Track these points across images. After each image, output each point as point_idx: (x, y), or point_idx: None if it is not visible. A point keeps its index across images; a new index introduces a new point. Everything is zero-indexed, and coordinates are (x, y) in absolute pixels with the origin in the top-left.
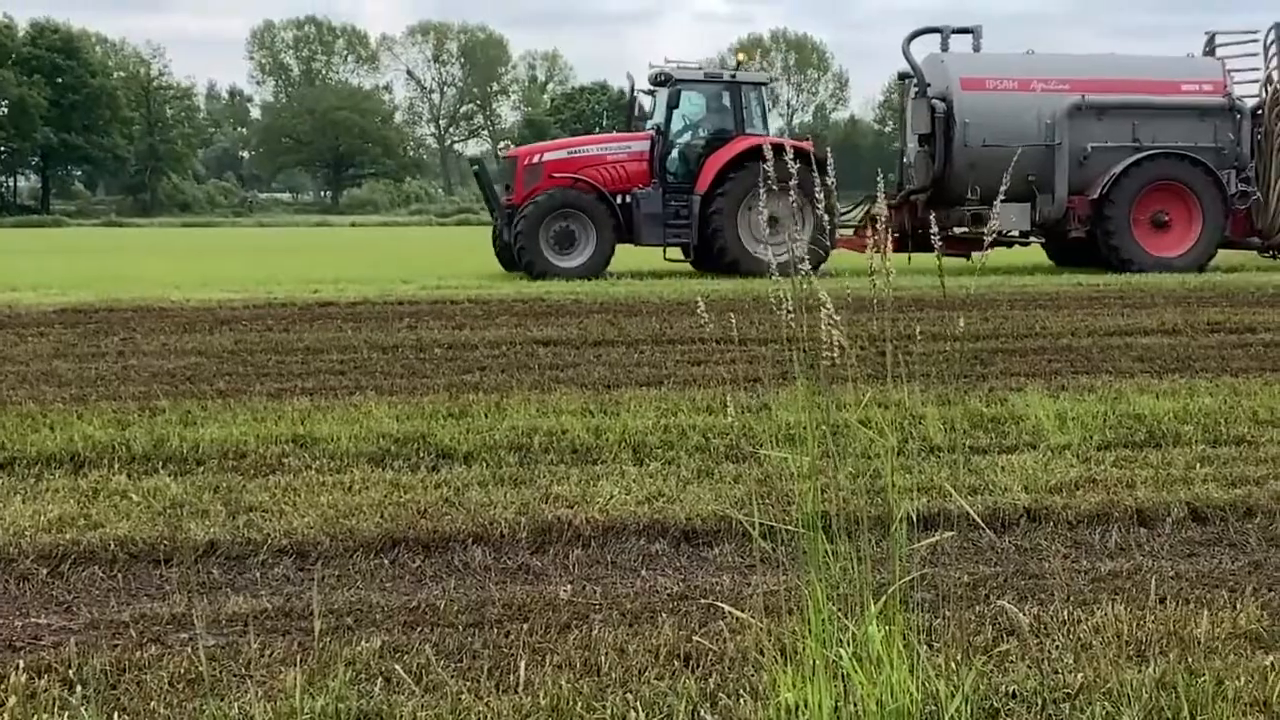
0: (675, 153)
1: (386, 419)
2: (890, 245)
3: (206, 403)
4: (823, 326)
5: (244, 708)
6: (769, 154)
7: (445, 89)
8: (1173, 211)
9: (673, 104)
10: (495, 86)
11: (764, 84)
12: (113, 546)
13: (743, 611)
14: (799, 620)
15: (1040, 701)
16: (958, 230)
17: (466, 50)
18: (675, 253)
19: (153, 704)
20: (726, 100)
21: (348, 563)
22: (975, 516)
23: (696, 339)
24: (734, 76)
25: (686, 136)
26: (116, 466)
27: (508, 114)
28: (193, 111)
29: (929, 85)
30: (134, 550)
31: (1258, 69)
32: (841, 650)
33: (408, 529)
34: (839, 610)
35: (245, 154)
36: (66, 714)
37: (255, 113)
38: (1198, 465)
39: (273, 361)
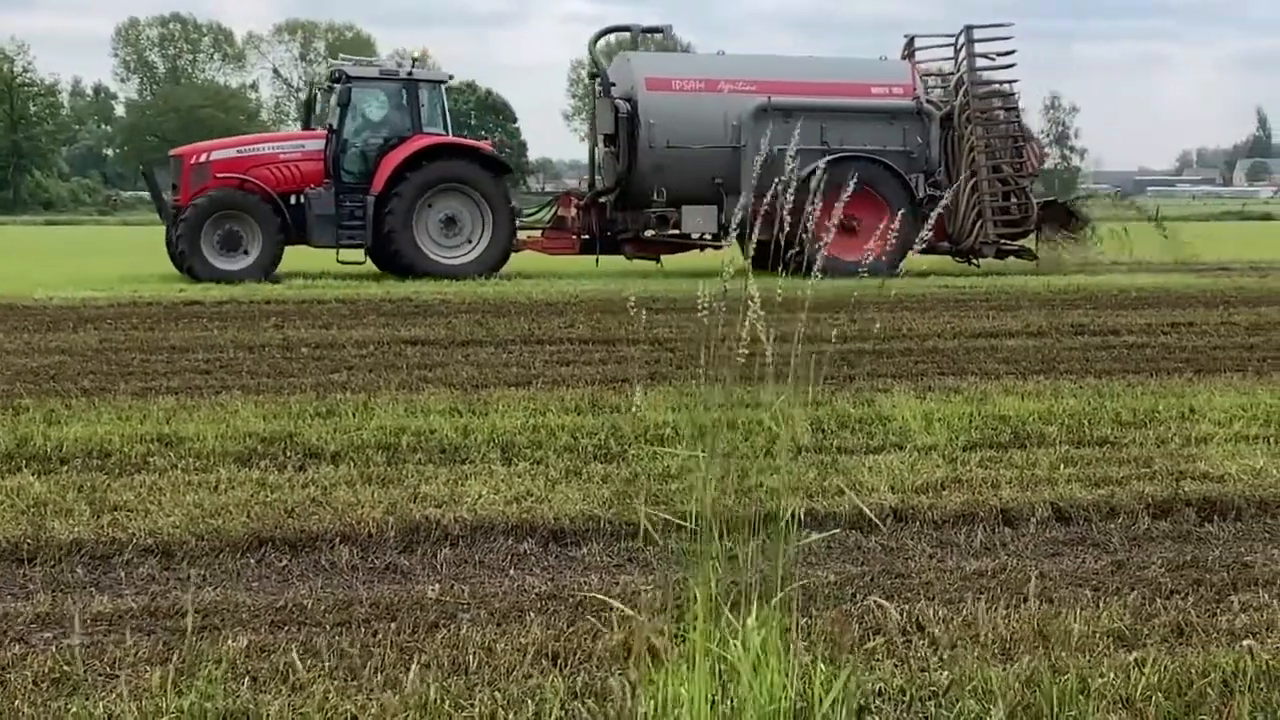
0: (350, 152)
1: (253, 418)
2: (575, 247)
3: (71, 401)
4: (743, 325)
5: (109, 707)
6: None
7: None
8: (861, 216)
9: (344, 102)
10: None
11: (442, 82)
12: None
13: (611, 611)
14: (672, 618)
15: (908, 699)
16: (648, 233)
17: (334, 49)
18: (355, 254)
19: (17, 703)
20: (404, 99)
21: (214, 562)
22: (869, 512)
23: (565, 339)
24: (410, 74)
25: (363, 135)
26: None
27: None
28: (56, 109)
29: (613, 85)
30: None
31: (954, 73)
32: (720, 648)
33: (274, 528)
34: (716, 609)
35: (110, 152)
36: None
37: (120, 110)
38: (1062, 466)
39: (138, 360)
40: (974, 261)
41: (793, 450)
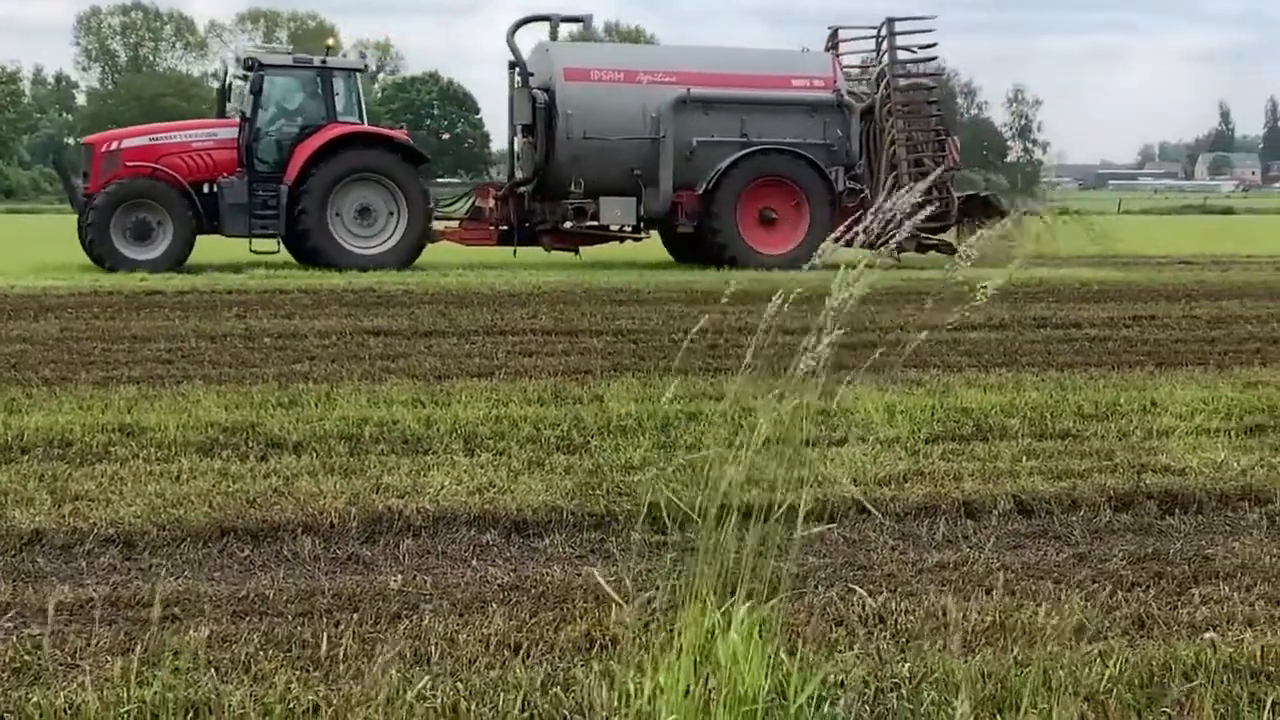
0: (264, 141)
1: (215, 408)
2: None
3: (32, 390)
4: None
5: (71, 697)
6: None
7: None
8: (780, 208)
9: (256, 90)
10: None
11: (357, 71)
12: None
13: (573, 602)
14: (658, 608)
15: (871, 691)
16: (566, 224)
17: (296, 38)
18: (269, 243)
19: None
20: (317, 87)
21: (175, 552)
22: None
23: (527, 330)
24: (324, 63)
25: (278, 124)
26: None
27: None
28: (17, 97)
29: (532, 75)
30: None
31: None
32: (705, 639)
33: (236, 518)
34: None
35: (71, 140)
36: None
37: (81, 99)
38: (1024, 458)
39: (99, 350)
40: (895, 256)
41: (758, 442)
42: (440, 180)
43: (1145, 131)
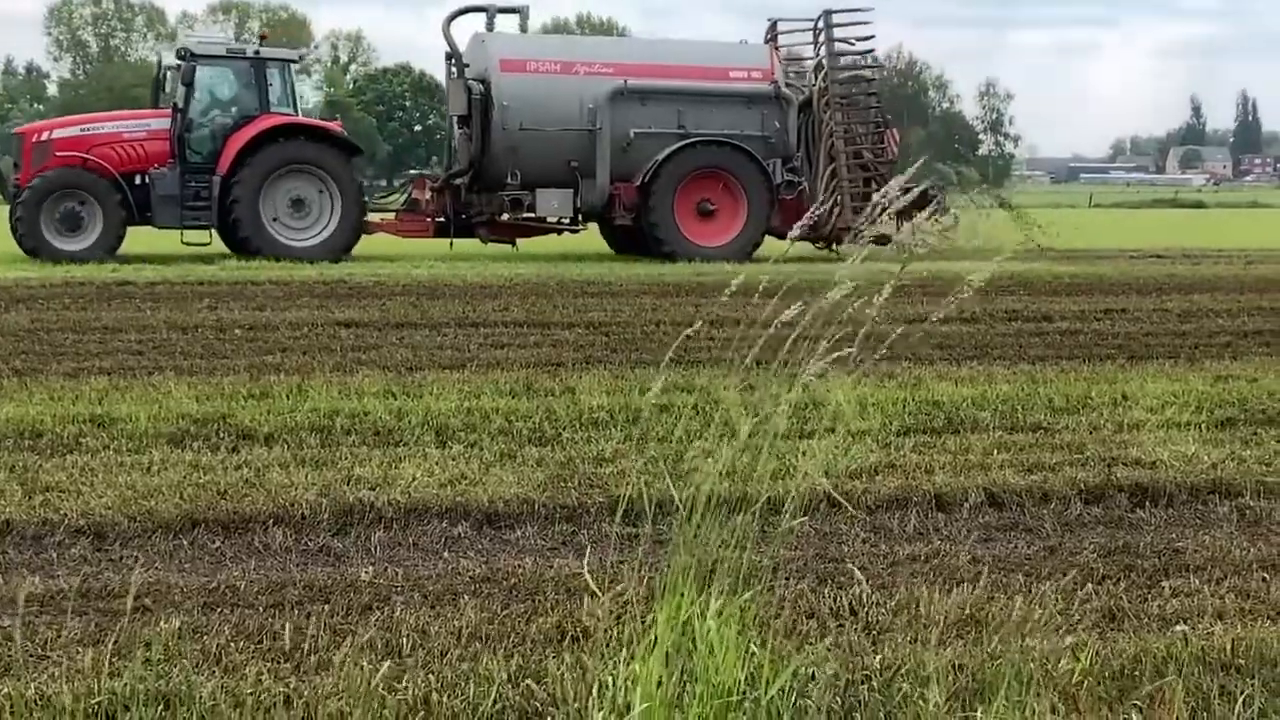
0: (197, 132)
1: (186, 399)
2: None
3: (2, 381)
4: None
5: (42, 688)
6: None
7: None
8: (718, 200)
9: (187, 80)
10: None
11: (291, 61)
12: None
13: (544, 594)
14: (611, 598)
15: (843, 684)
16: (503, 216)
17: (269, 29)
18: (200, 235)
19: None
20: (250, 78)
21: (146, 544)
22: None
23: (499, 322)
24: (258, 53)
25: (211, 115)
26: None
27: (310, 95)
28: None
29: (468, 66)
30: None
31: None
32: (682, 631)
33: (207, 510)
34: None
35: None
36: None
37: (53, 89)
38: (995, 451)
39: (70, 341)
40: (834, 248)
41: (728, 434)
42: (412, 171)
43: (1117, 125)
